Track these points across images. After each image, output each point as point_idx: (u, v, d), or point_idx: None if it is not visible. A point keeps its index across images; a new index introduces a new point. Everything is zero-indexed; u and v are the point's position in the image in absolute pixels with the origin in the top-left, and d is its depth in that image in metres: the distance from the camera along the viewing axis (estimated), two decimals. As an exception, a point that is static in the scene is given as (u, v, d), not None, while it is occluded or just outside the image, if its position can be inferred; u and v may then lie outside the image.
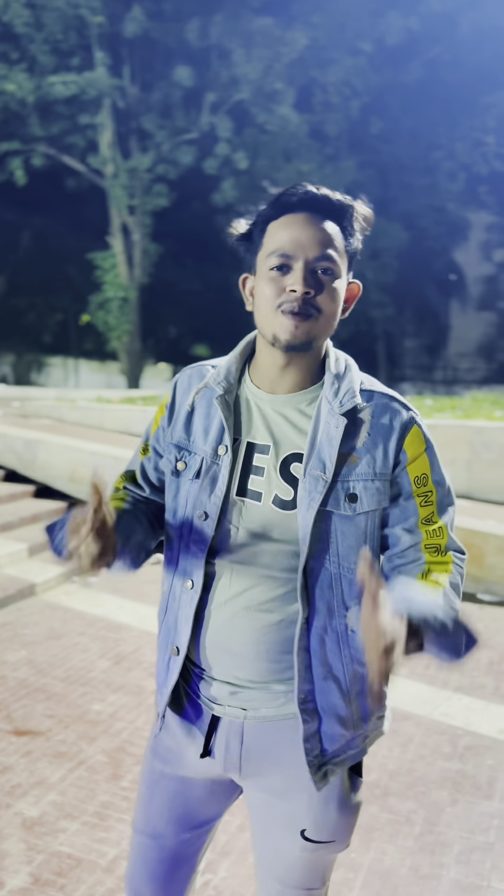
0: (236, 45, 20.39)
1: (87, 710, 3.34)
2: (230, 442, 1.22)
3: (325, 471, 1.16)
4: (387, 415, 1.20)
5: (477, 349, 33.08)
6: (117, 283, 22.17)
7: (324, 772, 1.22)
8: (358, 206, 1.21)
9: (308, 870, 1.28)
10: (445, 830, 2.53)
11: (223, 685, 1.24)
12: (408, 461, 1.19)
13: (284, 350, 1.18)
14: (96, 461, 7.01)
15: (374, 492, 1.18)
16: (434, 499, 1.21)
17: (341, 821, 1.26)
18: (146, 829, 1.36)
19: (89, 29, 20.08)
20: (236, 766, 1.26)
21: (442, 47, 23.71)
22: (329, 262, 1.16)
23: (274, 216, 1.19)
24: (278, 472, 1.20)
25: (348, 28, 21.70)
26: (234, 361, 1.28)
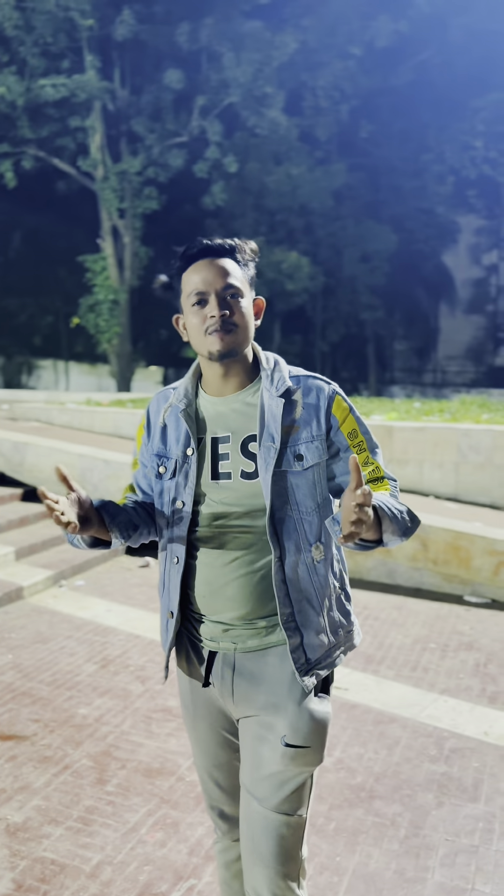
0: (226, 49, 20.40)
1: (73, 715, 3.32)
2: (195, 444, 1.55)
3: (274, 441, 1.48)
4: (313, 391, 1.54)
5: (466, 352, 33.20)
6: (107, 285, 22.12)
7: (312, 674, 1.51)
8: (244, 244, 1.55)
9: (286, 784, 1.51)
10: (431, 833, 2.53)
11: (217, 625, 1.56)
12: (339, 423, 1.53)
13: (219, 360, 1.51)
14: (85, 464, 6.99)
15: (314, 450, 1.51)
16: (366, 446, 1.56)
17: (313, 725, 1.52)
18: (205, 764, 1.69)
19: (79, 32, 20.04)
20: (230, 692, 1.56)
21: (432, 51, 23.82)
22: (233, 288, 1.50)
23: (184, 267, 1.53)
24: (240, 452, 1.52)
25: (338, 31, 21.76)
26: (189, 382, 1.62)
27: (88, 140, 21.25)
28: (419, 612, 4.86)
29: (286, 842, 1.51)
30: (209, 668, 1.59)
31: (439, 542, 5.35)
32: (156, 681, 3.69)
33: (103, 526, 1.51)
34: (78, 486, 1.47)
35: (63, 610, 4.75)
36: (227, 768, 1.68)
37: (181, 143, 21.44)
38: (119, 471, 6.77)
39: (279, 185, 22.14)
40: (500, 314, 33.44)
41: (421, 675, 3.83)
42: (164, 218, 22.84)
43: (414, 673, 3.84)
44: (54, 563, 5.57)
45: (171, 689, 3.59)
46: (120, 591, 5.14)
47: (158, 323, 28.83)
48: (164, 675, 1.73)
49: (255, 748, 1.54)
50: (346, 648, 1.62)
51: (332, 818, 2.60)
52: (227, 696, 1.58)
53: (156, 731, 3.19)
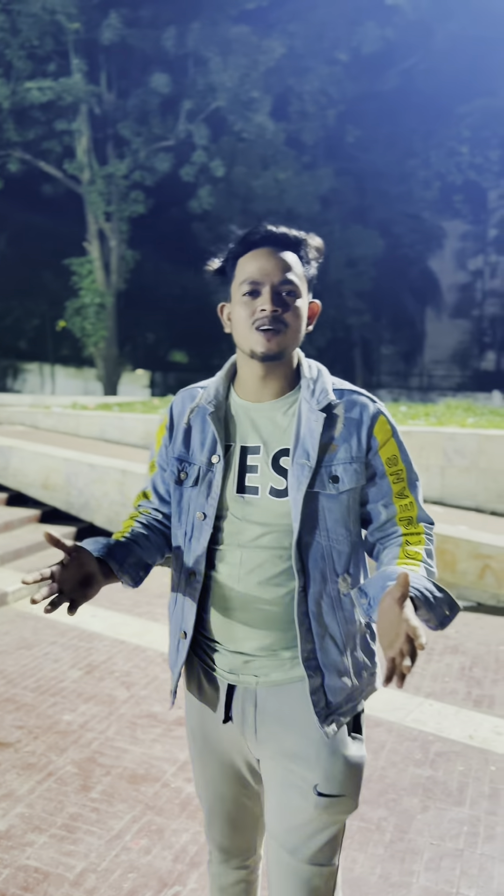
0: (213, 53, 20.44)
1: (57, 721, 3.30)
2: (222, 451, 1.42)
3: (309, 458, 1.35)
4: (356, 408, 1.41)
5: (452, 356, 33.39)
6: (94, 288, 22.07)
7: (331, 720, 1.38)
8: (310, 239, 1.42)
9: (319, 836, 1.40)
10: (416, 837, 2.53)
11: (236, 656, 1.42)
12: (378, 445, 1.40)
13: (261, 360, 1.38)
14: (70, 468, 6.96)
15: (352, 472, 1.38)
16: (404, 476, 1.42)
17: (348, 773, 1.41)
18: (209, 796, 1.57)
19: (66, 35, 20.01)
20: (252, 730, 1.43)
21: (417, 57, 23.97)
22: (291, 285, 1.37)
23: (242, 252, 1.40)
24: (271, 466, 1.40)
25: (325, 37, 21.85)
26: (221, 381, 1.49)
27: (75, 143, 21.23)
28: (405, 616, 4.87)
29: (320, 892, 1.42)
30: (228, 702, 1.45)
31: (425, 546, 5.37)
32: (141, 686, 3.68)
33: (111, 575, 1.39)
34: (73, 546, 1.33)
35: (47, 615, 4.71)
36: (233, 804, 1.56)
37: (168, 146, 21.45)
38: (105, 475, 6.74)
39: (266, 190, 22.17)
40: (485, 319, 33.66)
41: (406, 679, 3.83)
42: (150, 221, 22.82)
43: (399, 677, 3.85)
44: (39, 567, 5.54)
45: (157, 695, 3.58)
46: (104, 597, 5.11)
47: (145, 326, 28.82)
48: (170, 700, 1.54)
49: (284, 796, 1.41)
50: (367, 693, 1.48)
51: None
52: (249, 734, 1.44)
53: (141, 737, 3.17)
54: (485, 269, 33.16)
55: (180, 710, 3.41)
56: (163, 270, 25.15)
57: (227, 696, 1.45)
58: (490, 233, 30.94)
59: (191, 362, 30.90)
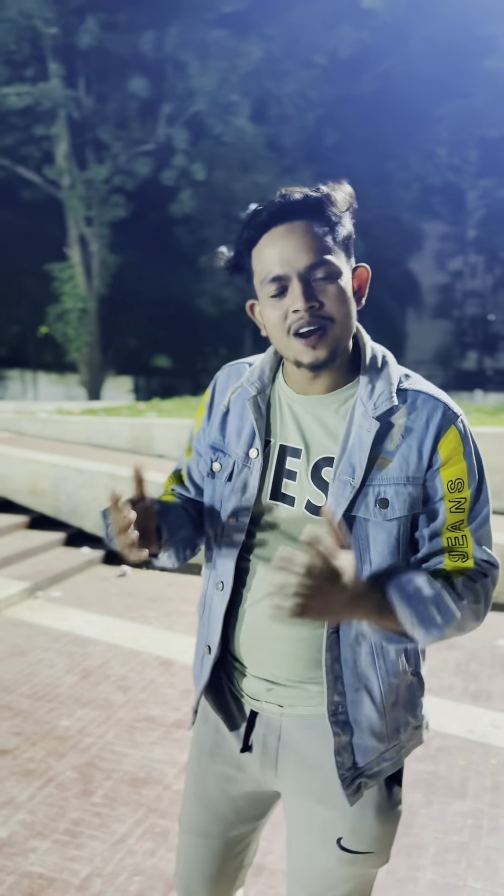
0: (192, 57, 20.48)
1: (54, 727, 3.27)
2: (261, 445, 1.20)
3: (354, 475, 1.11)
4: (423, 415, 1.13)
5: (433, 357, 33.64)
6: (76, 294, 22.00)
7: (357, 785, 1.18)
8: (334, 192, 1.13)
9: (344, 885, 1.23)
10: (420, 832, 2.53)
11: (260, 681, 1.24)
12: (441, 464, 1.12)
13: (310, 370, 1.14)
14: (58, 473, 6.91)
15: (406, 497, 1.12)
16: (466, 506, 1.14)
17: (379, 830, 1.21)
18: (195, 827, 1.36)
19: (43, 40, 19.96)
20: (273, 763, 1.25)
21: (394, 60, 24.15)
22: (324, 265, 1.10)
23: (254, 237, 1.13)
24: (310, 476, 1.17)
25: (302, 41, 21.96)
26: (268, 362, 1.25)
27: (54, 148, 21.17)
28: (398, 614, 4.88)
29: None
30: (248, 729, 1.27)
31: (416, 544, 5.38)
32: (138, 690, 3.65)
33: (157, 541, 1.19)
34: (149, 497, 1.16)
35: (40, 622, 4.67)
36: (215, 843, 1.35)
37: (148, 151, 21.44)
38: (93, 480, 6.70)
39: (247, 193, 22.18)
40: (466, 319, 33.97)
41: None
42: (131, 226, 22.78)
43: (396, 674, 3.85)
44: (29, 574, 5.49)
45: (154, 699, 3.56)
46: (97, 602, 5.07)
47: (127, 331, 28.75)
48: (191, 719, 1.38)
49: (306, 839, 1.24)
50: (408, 749, 1.25)
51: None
52: (268, 767, 1.26)
53: (140, 741, 3.15)
54: (464, 269, 33.47)
55: (179, 713, 3.39)
56: (144, 275, 25.09)
57: (248, 722, 1.27)
58: (469, 233, 31.22)
59: (174, 367, 30.87)
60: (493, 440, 6.91)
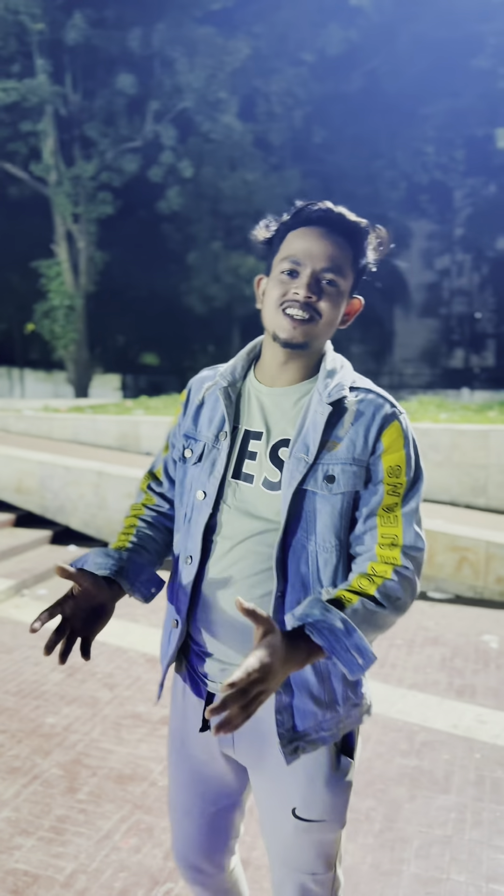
0: (179, 54, 20.41)
1: (40, 724, 3.26)
2: (229, 429, 1.35)
3: (308, 453, 1.26)
4: (371, 408, 1.29)
5: (421, 355, 33.72)
6: (63, 291, 21.88)
7: (294, 747, 1.27)
8: (374, 230, 1.33)
9: (307, 851, 1.35)
10: (404, 826, 2.55)
11: (214, 662, 1.34)
12: (383, 450, 1.27)
13: (282, 347, 1.30)
14: (45, 471, 6.89)
15: (350, 475, 1.26)
16: (402, 491, 1.28)
17: (330, 799, 1.32)
18: (181, 806, 1.49)
19: (30, 36, 19.82)
20: (230, 742, 1.37)
21: (381, 58, 24.17)
22: (334, 274, 1.27)
23: (293, 226, 1.30)
24: (268, 456, 1.31)
25: (290, 38, 21.95)
26: (241, 359, 1.42)
27: (41, 145, 21.02)
28: (384, 610, 4.90)
29: (317, 894, 1.40)
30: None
31: (402, 541, 5.41)
32: (124, 687, 3.65)
33: (121, 593, 1.31)
34: (80, 574, 1.24)
35: (26, 619, 4.66)
36: (199, 817, 1.47)
37: (135, 147, 21.35)
38: (80, 477, 6.69)
39: (235, 191, 22.19)
40: (453, 317, 34.07)
41: (389, 671, 3.86)
42: (119, 223, 22.70)
43: (382, 669, 3.87)
44: (15, 572, 5.47)
45: (140, 696, 3.56)
46: (84, 599, 5.07)
47: (115, 329, 28.64)
48: (157, 693, 1.49)
49: (268, 809, 1.37)
50: (346, 726, 1.33)
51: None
52: (226, 744, 1.38)
53: (126, 738, 3.15)
54: (452, 267, 33.57)
55: (165, 710, 3.40)
56: (132, 272, 25.00)
57: (206, 703, 1.37)
58: (456, 232, 31.31)
59: (162, 364, 30.79)
60: (477, 437, 6.96)
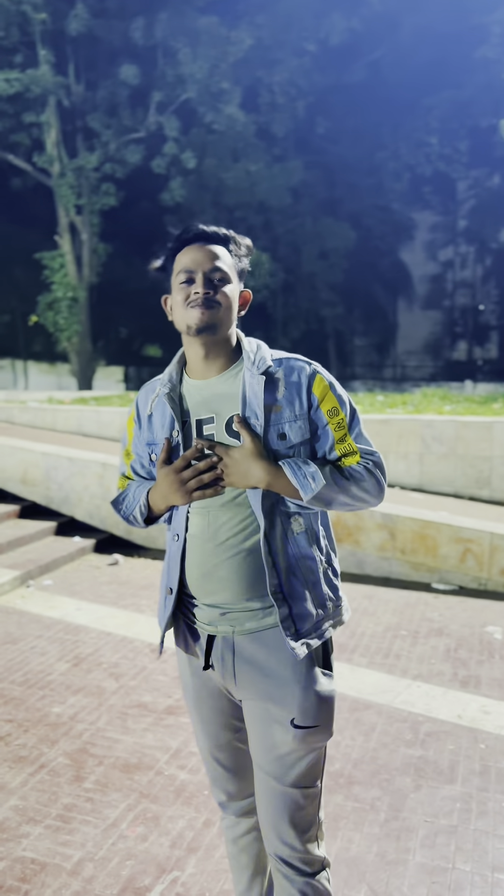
0: (182, 44, 20.30)
1: (46, 714, 3.28)
2: (180, 426, 1.59)
3: (258, 417, 1.51)
4: (295, 372, 1.56)
5: (424, 347, 33.63)
6: (66, 282, 21.84)
7: (302, 643, 1.53)
8: (238, 238, 1.60)
9: (300, 762, 1.56)
10: (410, 816, 2.56)
11: (213, 609, 1.58)
12: (318, 401, 1.54)
13: (197, 334, 1.53)
14: (49, 462, 6.90)
15: (297, 429, 1.53)
16: (345, 424, 1.56)
17: (322, 706, 1.56)
18: (208, 743, 1.72)
19: (32, 26, 19.73)
20: (232, 675, 1.59)
21: (384, 49, 24.05)
22: (220, 272, 1.55)
23: (178, 248, 1.58)
24: (225, 432, 1.55)
25: (292, 28, 21.81)
26: (174, 367, 1.66)
27: (44, 136, 20.96)
28: (389, 601, 4.91)
29: (305, 811, 1.59)
30: (209, 651, 1.61)
31: (407, 532, 5.41)
32: (129, 677, 3.66)
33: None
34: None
35: (32, 610, 4.68)
36: (229, 748, 1.72)
37: (138, 138, 21.28)
38: (84, 468, 6.70)
39: (237, 182, 22.11)
40: (456, 309, 33.96)
41: (393, 661, 3.87)
42: (122, 214, 22.64)
43: (386, 660, 3.88)
44: (21, 563, 5.49)
45: (146, 685, 3.57)
46: (89, 590, 5.08)
47: (118, 321, 28.61)
48: (158, 650, 1.73)
49: (265, 730, 1.58)
50: (334, 622, 1.65)
51: (313, 805, 2.61)
52: (228, 679, 1.60)
53: (132, 727, 3.16)
54: (455, 259, 33.42)
55: (171, 699, 3.41)
56: (135, 264, 24.91)
57: (207, 645, 1.60)
58: (460, 223, 31.19)
59: (165, 357, 30.67)
60: (481, 429, 6.95)
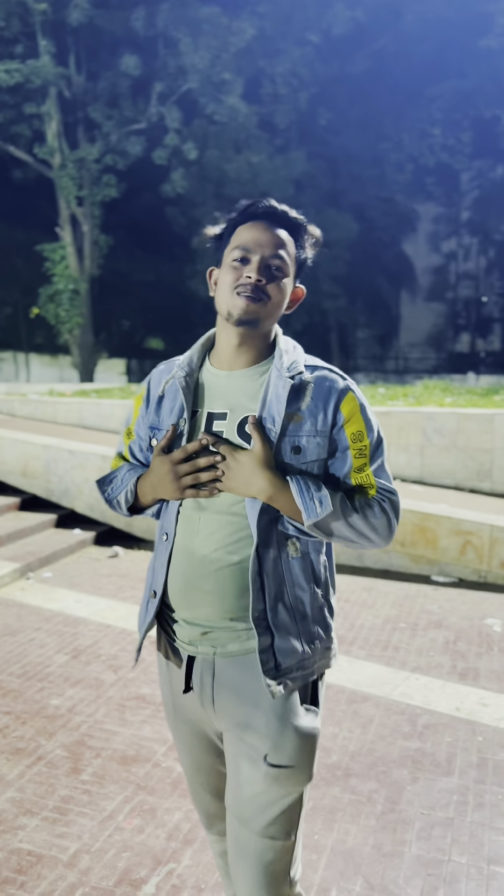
0: (183, 34, 20.19)
1: (45, 706, 3.28)
2: (188, 415, 1.44)
3: (275, 424, 1.36)
4: (326, 383, 1.41)
5: (427, 339, 33.59)
6: (67, 274, 21.82)
7: (280, 682, 1.38)
8: (310, 227, 1.46)
9: (272, 807, 1.40)
10: (406, 808, 2.56)
11: (195, 627, 1.44)
12: (344, 420, 1.40)
13: (236, 325, 1.39)
14: (50, 454, 6.90)
15: (314, 445, 1.39)
16: (367, 452, 1.41)
17: (299, 744, 1.41)
18: (189, 765, 1.61)
19: (33, 16, 19.63)
20: (210, 699, 1.45)
21: (387, 39, 23.89)
22: (280, 260, 1.40)
23: (241, 221, 1.43)
24: (236, 432, 1.41)
25: (295, 18, 21.68)
26: (196, 351, 1.52)
27: (45, 127, 20.89)
28: (388, 593, 4.91)
29: (274, 867, 1.42)
30: (189, 673, 1.48)
31: (406, 524, 5.41)
32: (128, 669, 3.67)
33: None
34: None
35: (31, 602, 4.68)
36: (210, 771, 1.60)
37: (139, 130, 21.19)
38: (85, 461, 6.69)
39: (239, 173, 22.02)
40: (459, 301, 33.88)
41: (392, 654, 3.87)
42: (123, 206, 22.58)
43: (385, 652, 3.88)
44: (21, 555, 5.49)
45: (144, 677, 3.57)
46: (89, 582, 5.08)
47: (120, 313, 28.58)
48: (135, 658, 1.56)
49: (237, 766, 1.43)
50: (320, 665, 1.48)
51: (310, 797, 2.61)
52: (207, 704, 1.46)
53: (130, 719, 3.17)
54: (458, 251, 33.32)
55: (168, 692, 3.41)
56: (137, 256, 24.92)
57: (187, 666, 1.48)
58: (463, 215, 31.08)
59: (167, 349, 30.71)
60: (482, 421, 6.93)
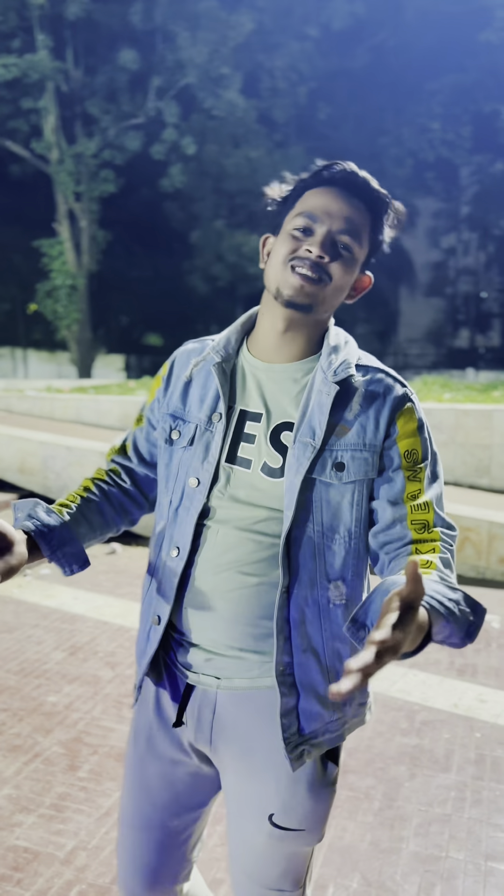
0: (181, 28, 20.12)
1: (42, 703, 3.28)
2: (225, 409, 1.22)
3: (315, 437, 1.15)
4: (381, 389, 1.19)
5: (426, 335, 33.57)
6: (65, 270, 21.78)
7: (300, 752, 1.18)
8: (394, 203, 1.22)
9: (278, 864, 1.23)
10: (404, 804, 2.55)
11: (199, 651, 1.23)
12: (398, 435, 1.18)
13: (285, 305, 1.18)
14: (47, 451, 6.88)
15: (361, 462, 1.17)
16: (422, 476, 1.18)
17: (311, 807, 1.21)
18: (134, 820, 1.33)
19: (30, 10, 19.56)
20: (207, 738, 1.24)
21: (387, 33, 23.80)
22: (351, 237, 1.17)
23: (312, 185, 1.20)
24: (268, 439, 1.20)
25: (294, 12, 21.60)
26: (234, 332, 1.29)
27: (42, 122, 20.83)
28: (387, 590, 4.90)
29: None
30: (184, 703, 1.26)
31: (405, 521, 5.40)
32: (125, 666, 3.66)
33: (38, 556, 1.23)
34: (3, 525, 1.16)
35: (28, 599, 4.67)
36: (161, 833, 1.31)
37: (137, 124, 21.14)
38: (83, 458, 6.68)
39: (238, 168, 21.97)
40: (458, 297, 33.84)
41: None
42: (121, 201, 22.54)
43: (383, 649, 3.87)
44: (18, 551, 5.48)
45: (142, 674, 3.56)
46: (86, 579, 5.07)
47: (118, 309, 28.53)
48: (134, 697, 1.35)
49: (239, 816, 1.24)
50: (352, 725, 1.25)
51: (307, 794, 2.61)
52: (203, 743, 1.26)
53: (127, 716, 3.16)
54: (458, 246, 33.27)
55: (166, 688, 3.40)
56: (135, 251, 24.87)
57: (183, 696, 1.26)
58: (462, 210, 31.02)
59: (166, 345, 30.67)
60: (481, 417, 6.92)
